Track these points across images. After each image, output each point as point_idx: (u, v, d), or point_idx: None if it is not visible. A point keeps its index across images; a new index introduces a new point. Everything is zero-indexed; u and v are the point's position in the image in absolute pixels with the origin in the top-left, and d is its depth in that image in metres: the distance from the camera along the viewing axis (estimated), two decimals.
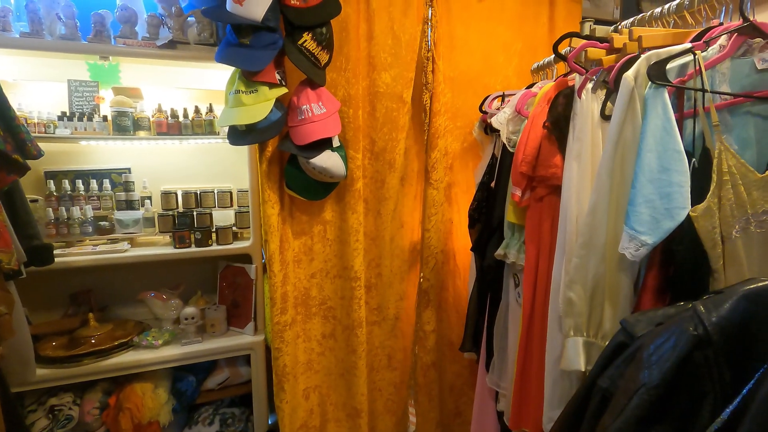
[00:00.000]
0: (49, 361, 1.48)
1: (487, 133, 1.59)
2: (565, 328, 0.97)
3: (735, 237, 0.83)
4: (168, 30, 1.60)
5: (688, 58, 0.84)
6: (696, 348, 0.50)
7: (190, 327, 1.71)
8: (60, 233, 1.62)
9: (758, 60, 0.86)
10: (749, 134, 0.88)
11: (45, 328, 1.63)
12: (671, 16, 1.00)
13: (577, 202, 0.97)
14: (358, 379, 1.67)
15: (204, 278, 1.91)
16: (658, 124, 0.81)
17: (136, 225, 1.73)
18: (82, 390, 1.59)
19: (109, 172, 1.79)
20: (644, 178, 0.81)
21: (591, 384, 0.71)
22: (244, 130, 1.36)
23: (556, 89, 1.11)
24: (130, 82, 1.75)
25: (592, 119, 0.96)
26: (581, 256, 0.93)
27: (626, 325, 0.71)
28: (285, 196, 1.56)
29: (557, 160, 1.06)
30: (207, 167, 1.90)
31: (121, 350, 1.58)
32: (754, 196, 0.83)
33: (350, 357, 1.67)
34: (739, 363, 0.49)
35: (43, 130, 1.56)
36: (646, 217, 0.81)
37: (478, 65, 1.72)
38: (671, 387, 0.51)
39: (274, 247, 1.52)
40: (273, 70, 1.32)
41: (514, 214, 1.20)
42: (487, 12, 1.71)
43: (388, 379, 1.78)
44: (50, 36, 1.48)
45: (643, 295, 0.88)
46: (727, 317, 0.50)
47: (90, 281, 1.77)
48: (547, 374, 1.07)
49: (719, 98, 0.86)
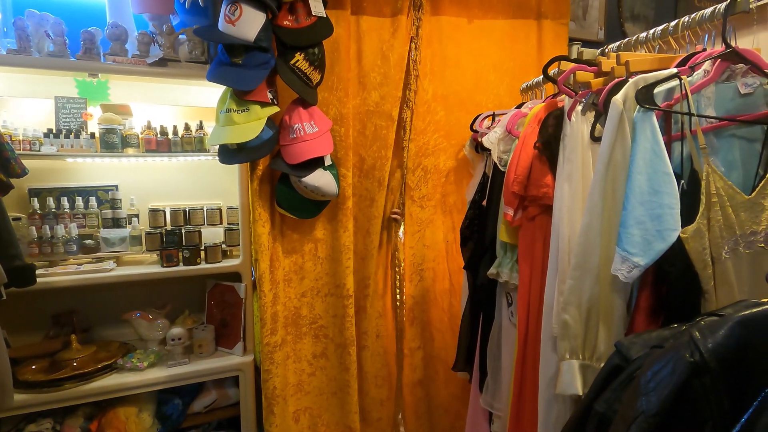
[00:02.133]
0: (28, 385, 1.43)
1: (477, 152, 1.60)
2: (560, 350, 0.97)
3: (725, 258, 0.84)
4: (159, 48, 1.60)
5: (674, 83, 0.86)
6: (693, 375, 0.49)
7: (177, 348, 1.66)
8: (43, 252, 1.58)
9: (741, 85, 0.89)
10: (735, 156, 0.90)
11: (25, 351, 1.57)
12: (656, 41, 1.03)
13: (569, 222, 0.98)
14: (351, 398, 1.64)
15: (192, 297, 1.87)
16: (647, 146, 0.82)
17: (123, 243, 1.69)
18: (62, 415, 1.52)
19: (96, 190, 1.76)
20: (635, 200, 0.82)
21: (587, 408, 0.70)
22: (235, 148, 1.35)
23: (546, 110, 1.13)
24: (119, 99, 1.74)
25: (582, 141, 0.98)
26: (575, 278, 0.93)
27: (621, 348, 0.71)
28: (276, 214, 1.55)
29: (548, 180, 1.07)
30: (196, 184, 1.88)
31: (104, 373, 1.53)
32: (742, 218, 0.84)
33: (343, 375, 1.64)
34: (737, 390, 0.49)
35: (29, 148, 1.53)
36: (638, 239, 0.82)
37: (470, 84, 1.74)
38: (670, 415, 0.51)
39: (265, 266, 1.50)
40: (265, 89, 1.32)
41: (507, 234, 1.21)
42: (478, 32, 1.74)
43: (373, 396, 1.75)
44: (38, 53, 1.47)
45: (636, 315, 0.89)
46: (723, 344, 0.50)
47: (73, 301, 1.72)
48: (541, 396, 1.06)
49: (705, 121, 0.88)
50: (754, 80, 0.88)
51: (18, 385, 1.40)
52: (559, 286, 0.99)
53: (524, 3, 1.78)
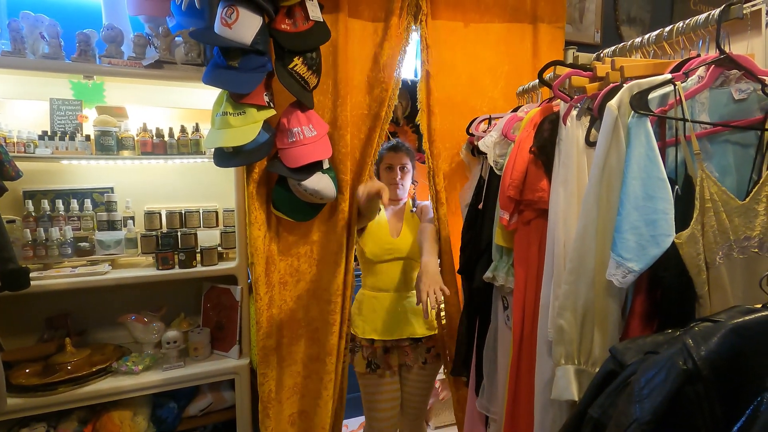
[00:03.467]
0: (21, 389, 1.42)
1: (474, 155, 1.60)
2: (555, 356, 0.97)
3: (719, 263, 0.84)
4: (155, 50, 1.59)
5: (668, 89, 0.86)
6: (686, 382, 0.50)
7: (172, 351, 1.66)
8: (38, 255, 1.57)
9: (735, 90, 0.90)
10: (729, 161, 0.90)
11: (18, 354, 1.56)
12: (651, 46, 1.04)
13: (564, 226, 0.98)
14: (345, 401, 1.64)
15: (187, 300, 1.86)
16: (641, 152, 0.83)
17: (118, 246, 1.68)
18: (56, 419, 1.51)
19: (91, 192, 1.75)
20: (630, 205, 0.82)
21: (582, 413, 0.71)
22: (231, 151, 1.35)
23: (542, 115, 1.13)
24: (114, 101, 1.73)
25: (578, 145, 0.98)
26: (570, 282, 0.93)
27: (616, 353, 0.71)
28: (272, 217, 1.55)
29: (544, 184, 1.08)
30: (192, 187, 1.88)
31: (98, 377, 1.52)
32: (736, 223, 0.85)
33: (339, 378, 1.64)
34: (730, 398, 0.49)
35: (23, 150, 1.52)
36: (633, 244, 0.82)
37: (465, 87, 1.74)
38: (663, 422, 0.51)
39: (260, 269, 1.50)
40: (261, 92, 1.32)
41: (503, 237, 1.21)
42: (473, 36, 1.74)
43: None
44: (33, 55, 1.46)
45: (631, 320, 0.89)
46: (716, 351, 0.50)
47: (68, 304, 1.71)
48: (537, 400, 1.06)
49: (699, 127, 0.88)
50: (748, 86, 0.89)
51: (11, 389, 1.39)
52: (554, 291, 0.99)
53: (520, 6, 1.79)
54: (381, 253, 1.64)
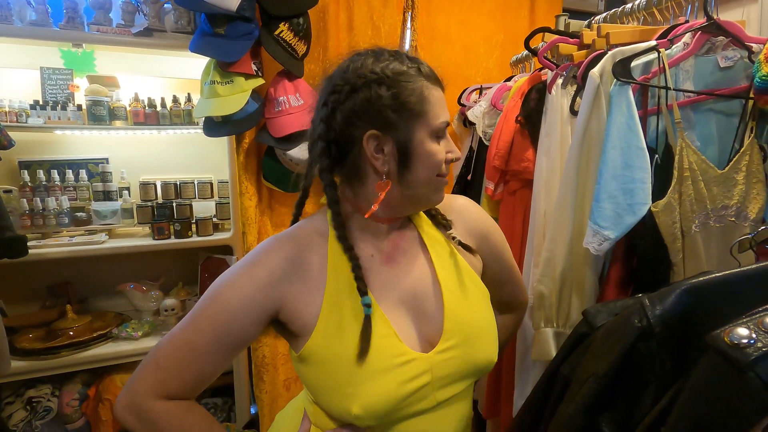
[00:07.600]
0: (25, 353, 1.47)
1: (465, 126, 1.60)
2: (535, 320, 1.00)
3: (695, 231, 0.86)
4: (144, 17, 1.56)
5: (652, 56, 0.86)
6: (639, 339, 0.52)
7: (171, 318, 1.71)
8: (35, 224, 1.60)
9: (721, 58, 0.88)
10: (711, 131, 0.90)
11: (22, 320, 1.61)
12: (641, 13, 1.02)
13: (546, 196, 0.99)
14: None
15: (185, 269, 1.90)
16: (621, 121, 0.83)
17: (114, 216, 1.71)
18: (60, 382, 1.58)
19: (86, 162, 1.76)
20: (608, 174, 0.83)
21: (554, 371, 0.74)
22: (220, 121, 1.35)
23: (530, 84, 1.12)
24: (105, 70, 1.72)
25: (562, 115, 0.98)
26: (550, 250, 0.95)
27: (588, 315, 0.73)
28: (263, 187, 1.56)
29: (529, 154, 1.08)
30: (186, 158, 1.88)
31: (99, 342, 1.58)
32: (714, 192, 0.86)
33: None
34: (679, 353, 0.52)
35: (15, 119, 1.52)
36: (609, 213, 0.83)
37: (459, 57, 1.72)
38: (617, 375, 0.53)
39: (252, 239, 1.52)
40: (249, 61, 1.31)
41: (488, 207, 1.22)
42: (468, 3, 1.70)
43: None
44: (20, 22, 1.44)
45: (607, 287, 0.91)
46: (669, 310, 0.52)
47: (68, 273, 1.75)
48: (518, 365, 1.10)
49: (683, 95, 0.88)
50: (735, 53, 0.88)
51: (15, 353, 1.45)
52: (534, 259, 1.01)
53: None
54: (391, 405, 0.64)
